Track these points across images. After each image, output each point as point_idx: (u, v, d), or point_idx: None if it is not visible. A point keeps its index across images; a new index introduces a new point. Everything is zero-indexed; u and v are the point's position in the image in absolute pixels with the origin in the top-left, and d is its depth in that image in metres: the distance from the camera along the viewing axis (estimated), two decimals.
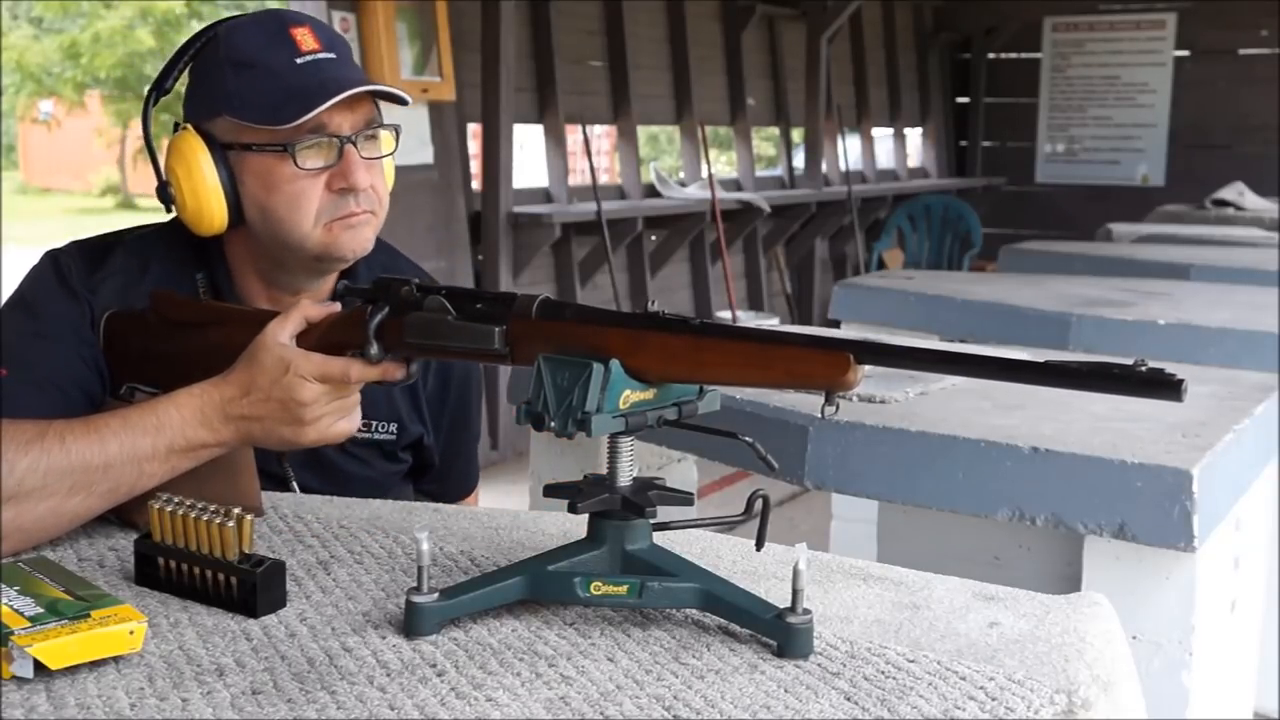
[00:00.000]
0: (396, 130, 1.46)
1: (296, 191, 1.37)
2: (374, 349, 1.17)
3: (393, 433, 1.55)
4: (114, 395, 1.36)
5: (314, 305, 1.24)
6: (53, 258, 1.43)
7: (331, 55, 1.38)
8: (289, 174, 1.36)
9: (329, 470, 1.52)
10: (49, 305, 1.39)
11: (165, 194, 1.41)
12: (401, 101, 1.42)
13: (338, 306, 1.23)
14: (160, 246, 1.46)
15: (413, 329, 1.15)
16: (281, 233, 1.39)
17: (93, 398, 1.34)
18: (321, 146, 1.37)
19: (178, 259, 1.45)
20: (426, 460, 1.64)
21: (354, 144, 1.38)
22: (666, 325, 1.01)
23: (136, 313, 1.39)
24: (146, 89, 1.44)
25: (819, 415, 1.01)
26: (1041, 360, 0.91)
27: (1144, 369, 0.86)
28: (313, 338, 1.21)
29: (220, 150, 1.38)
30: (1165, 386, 0.86)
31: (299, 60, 1.36)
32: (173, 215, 1.44)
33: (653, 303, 1.04)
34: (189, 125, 1.40)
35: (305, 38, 1.37)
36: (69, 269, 1.41)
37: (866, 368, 0.96)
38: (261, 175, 1.38)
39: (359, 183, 1.39)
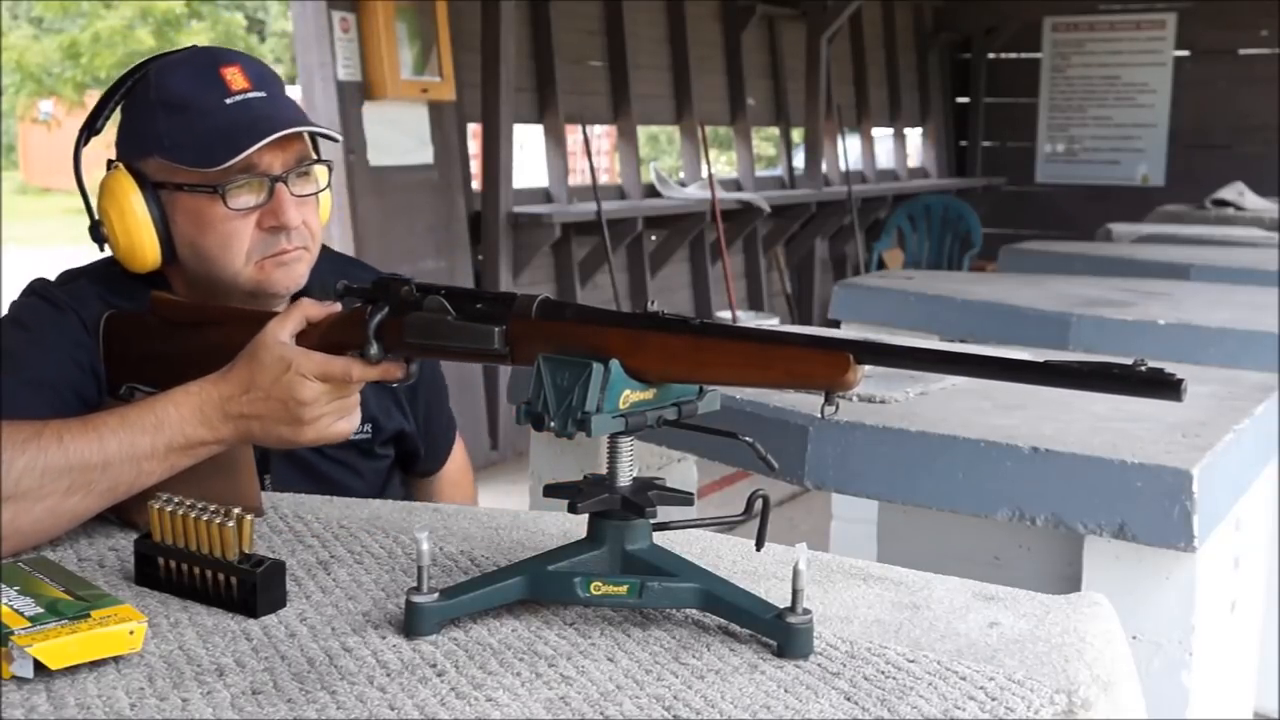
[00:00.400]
0: (329, 165, 1.46)
1: (227, 231, 1.38)
2: (374, 349, 1.17)
3: (367, 432, 1.56)
4: (113, 395, 1.36)
5: (314, 305, 1.24)
6: (30, 288, 1.45)
7: (262, 94, 1.39)
8: (220, 214, 1.37)
9: (315, 476, 1.52)
10: (38, 317, 1.40)
11: (98, 233, 1.42)
12: (331, 139, 1.43)
13: (338, 306, 1.23)
14: (111, 279, 1.47)
15: (413, 329, 1.15)
16: (214, 270, 1.41)
17: (86, 400, 1.34)
18: (252, 186, 1.38)
19: (131, 290, 1.46)
20: (411, 449, 1.65)
21: (285, 182, 1.39)
22: (666, 325, 1.01)
23: (136, 314, 1.39)
24: (78, 129, 1.44)
25: (819, 415, 1.01)
26: (1041, 360, 0.91)
27: (1144, 369, 0.86)
28: (313, 337, 1.21)
29: (152, 188, 1.39)
30: (1165, 386, 0.86)
31: (229, 100, 1.37)
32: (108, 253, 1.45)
33: (652, 302, 1.04)
34: (120, 164, 1.41)
35: (235, 77, 1.38)
36: (48, 290, 1.43)
37: (867, 368, 0.97)
38: (192, 214, 1.39)
39: (289, 221, 1.39)
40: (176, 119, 1.37)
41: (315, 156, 1.44)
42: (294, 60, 5.33)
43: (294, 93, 5.54)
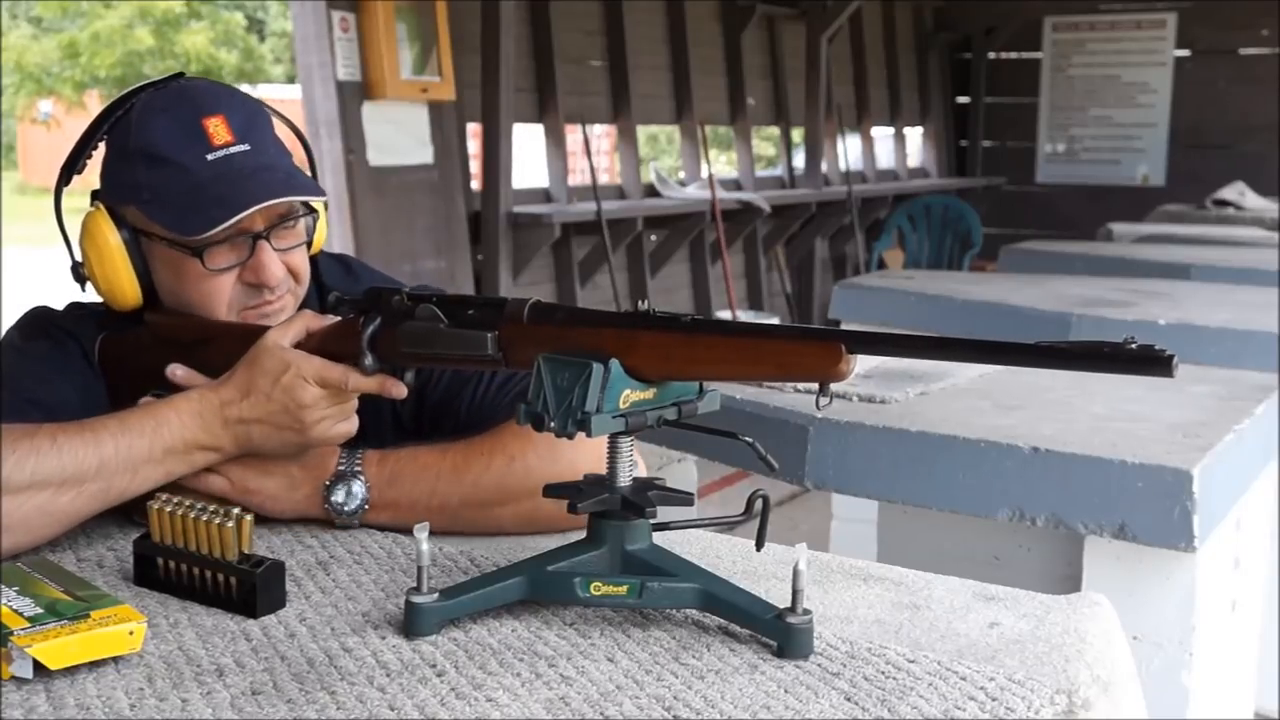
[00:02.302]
0: (315, 216, 1.41)
1: (207, 288, 1.34)
2: (368, 359, 1.17)
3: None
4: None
5: (316, 316, 1.24)
6: (30, 318, 1.43)
7: (245, 146, 1.32)
8: (198, 271, 1.33)
9: None
10: (36, 343, 1.38)
11: (79, 273, 1.39)
12: (313, 203, 1.37)
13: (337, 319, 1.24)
14: (114, 311, 1.43)
15: (406, 338, 1.15)
16: (196, 315, 1.37)
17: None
18: (232, 244, 1.33)
19: (135, 319, 1.43)
20: (425, 415, 1.51)
21: (267, 239, 1.34)
22: (657, 323, 1.01)
23: (131, 335, 1.38)
24: (59, 170, 1.40)
25: (817, 410, 1.01)
26: (1032, 342, 0.91)
27: (1134, 346, 0.86)
28: (311, 347, 1.22)
29: (131, 231, 1.35)
30: (1155, 363, 0.86)
31: (210, 157, 1.30)
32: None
33: (642, 301, 1.04)
34: (100, 205, 1.36)
35: (218, 129, 1.32)
36: (47, 321, 1.41)
37: (865, 365, 0.97)
38: (172, 266, 1.35)
39: (270, 280, 1.35)
40: (156, 173, 1.32)
41: (300, 209, 1.38)
42: (294, 60, 5.33)
43: (293, 92, 5.48)
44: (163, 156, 1.32)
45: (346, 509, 1.26)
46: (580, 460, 1.18)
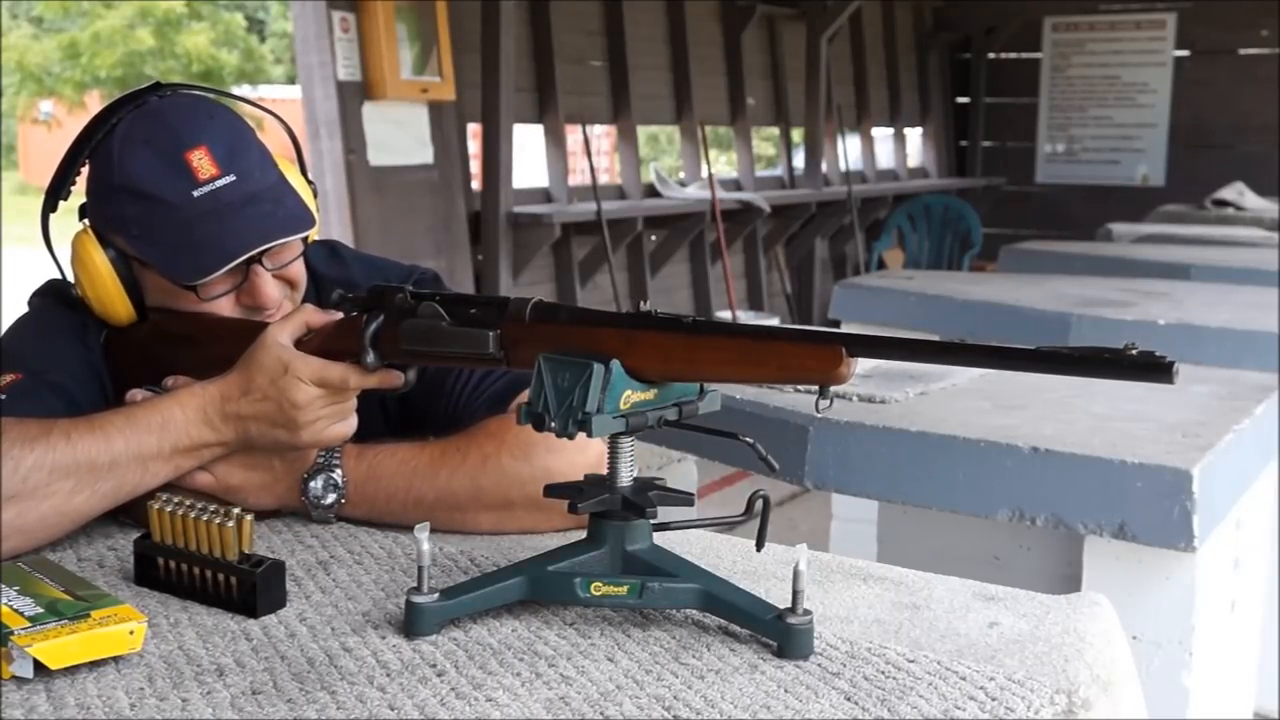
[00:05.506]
0: (307, 238, 1.39)
1: (203, 311, 1.33)
2: (370, 357, 1.17)
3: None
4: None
5: (317, 311, 1.24)
6: (49, 288, 1.43)
7: (230, 178, 1.29)
8: (192, 300, 1.32)
9: None
10: (62, 312, 1.39)
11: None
12: (306, 227, 1.35)
13: (340, 314, 1.23)
14: None
15: (408, 336, 1.15)
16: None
17: (97, 407, 1.33)
18: (228, 271, 1.31)
19: None
20: (410, 411, 1.51)
21: (260, 262, 1.33)
22: (660, 324, 1.01)
23: (135, 328, 1.38)
24: (43, 197, 1.37)
25: (818, 413, 1.01)
26: (1033, 348, 0.91)
27: (1135, 352, 0.86)
28: (314, 344, 1.21)
29: (120, 253, 1.34)
30: (1156, 369, 0.86)
31: (196, 193, 1.28)
32: None
33: (644, 302, 1.05)
34: (88, 227, 1.35)
35: (202, 162, 1.28)
36: (61, 289, 1.41)
37: (865, 365, 0.97)
38: (165, 293, 1.34)
39: (266, 303, 1.34)
40: (141, 210, 1.30)
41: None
42: (294, 60, 5.33)
43: (293, 92, 5.49)
44: (147, 194, 1.30)
45: (324, 502, 1.26)
46: (554, 463, 1.19)
